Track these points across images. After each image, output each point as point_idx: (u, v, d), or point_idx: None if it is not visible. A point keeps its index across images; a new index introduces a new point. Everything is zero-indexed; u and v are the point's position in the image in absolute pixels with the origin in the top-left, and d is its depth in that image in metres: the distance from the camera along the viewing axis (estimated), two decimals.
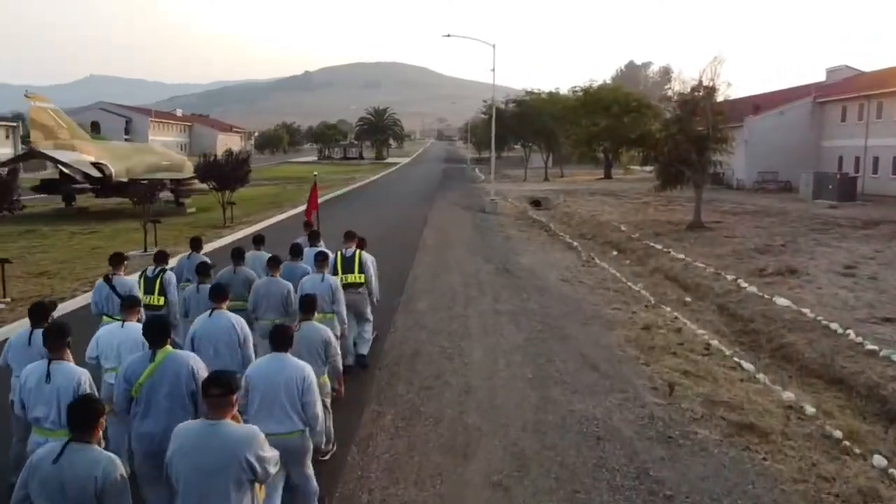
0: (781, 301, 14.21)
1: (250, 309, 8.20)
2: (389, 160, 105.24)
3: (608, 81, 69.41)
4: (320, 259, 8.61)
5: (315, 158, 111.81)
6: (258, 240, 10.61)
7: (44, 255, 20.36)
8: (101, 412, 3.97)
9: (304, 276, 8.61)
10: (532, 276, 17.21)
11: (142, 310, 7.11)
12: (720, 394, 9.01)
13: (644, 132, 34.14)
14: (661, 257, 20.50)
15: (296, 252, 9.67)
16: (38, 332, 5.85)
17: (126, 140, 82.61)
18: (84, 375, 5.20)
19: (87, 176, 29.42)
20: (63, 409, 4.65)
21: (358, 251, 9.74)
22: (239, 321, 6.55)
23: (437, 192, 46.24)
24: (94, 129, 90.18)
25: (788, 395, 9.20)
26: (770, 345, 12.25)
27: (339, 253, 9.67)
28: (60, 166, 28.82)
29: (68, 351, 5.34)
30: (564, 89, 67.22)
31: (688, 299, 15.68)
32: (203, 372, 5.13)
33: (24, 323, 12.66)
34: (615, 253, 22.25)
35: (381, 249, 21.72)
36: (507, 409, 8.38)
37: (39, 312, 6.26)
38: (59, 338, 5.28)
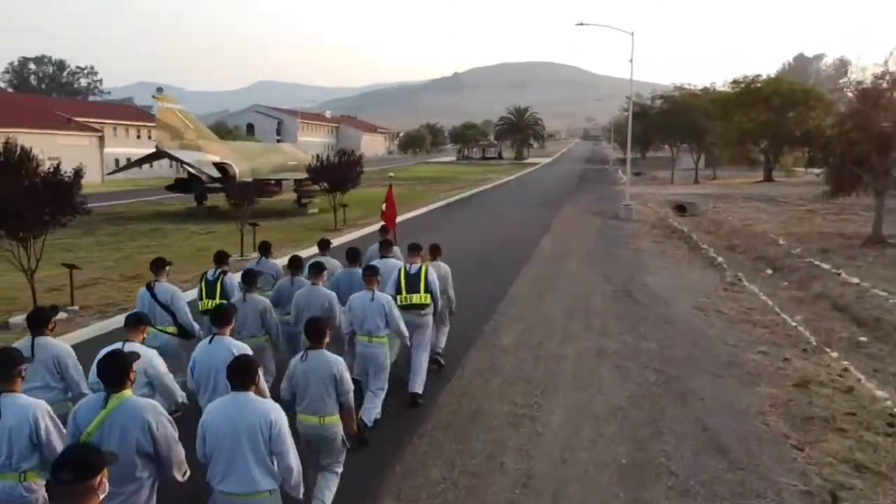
0: None
1: (293, 322, 7.68)
2: (529, 160, 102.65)
3: (772, 76, 62.14)
4: (368, 275, 7.67)
5: (454, 159, 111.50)
6: (324, 244, 10.10)
7: (151, 255, 20.02)
8: (103, 464, 3.11)
9: (355, 294, 7.75)
10: (658, 301, 14.20)
11: (149, 330, 6.42)
12: None
13: (811, 129, 29.15)
14: (829, 280, 16.54)
15: (353, 257, 8.87)
16: (42, 340, 5.69)
17: (278, 140, 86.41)
18: (39, 409, 4.49)
19: (212, 175, 29.69)
20: (15, 449, 4.37)
21: (424, 267, 8.62)
22: (240, 349, 5.64)
23: (569, 194, 43.20)
24: (249, 130, 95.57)
25: None
26: None
27: (402, 269, 8.57)
28: (186, 166, 29.22)
29: (20, 381, 4.64)
30: (720, 84, 60.83)
31: (863, 339, 12.03)
32: (163, 428, 4.29)
33: (84, 333, 12.10)
34: (769, 272, 18.42)
35: (486, 260, 19.52)
36: None
37: (39, 320, 5.86)
38: (8, 367, 4.58)
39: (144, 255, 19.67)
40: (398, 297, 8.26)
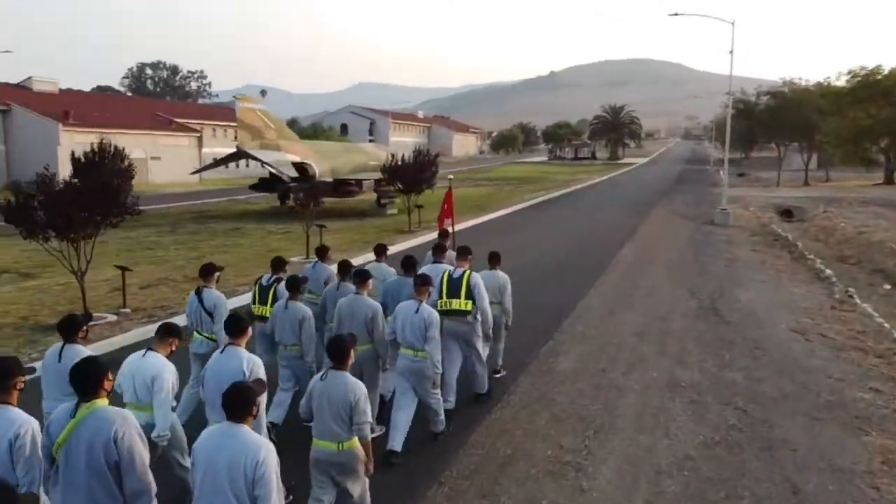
0: None
1: (334, 332, 7.11)
2: (624, 161, 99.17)
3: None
4: (418, 283, 7.25)
5: (545, 158, 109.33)
6: (380, 250, 9.57)
7: (223, 255, 20.02)
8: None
9: (403, 302, 7.33)
10: (749, 321, 12.47)
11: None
12: None
13: None
14: None
15: (408, 266, 8.25)
16: (71, 348, 5.57)
17: (370, 140, 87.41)
18: (25, 426, 4.14)
19: (290, 175, 29.72)
20: None
21: (467, 272, 8.10)
22: (251, 363, 5.45)
23: (662, 197, 40.74)
24: (343, 130, 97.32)
25: None
26: None
27: (446, 273, 8.14)
28: (266, 166, 29.36)
29: (16, 393, 4.32)
30: (835, 79, 55.89)
31: None
32: (129, 439, 3.99)
33: (126, 338, 11.80)
34: (887, 287, 16.11)
35: (559, 267, 18.16)
36: None
37: (69, 327, 5.73)
38: (2, 378, 4.26)
39: (216, 254, 19.61)
40: (439, 302, 7.88)
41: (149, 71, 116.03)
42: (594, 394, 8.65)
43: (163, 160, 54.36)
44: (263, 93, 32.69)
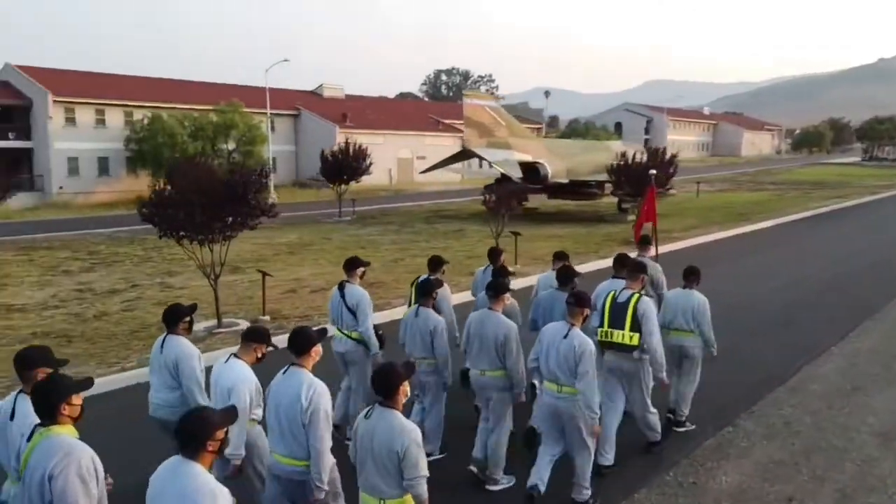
0: None
1: (462, 350, 6.65)
2: None
3: None
4: (571, 303, 5.85)
5: (858, 159, 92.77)
6: (494, 253, 8.66)
7: (413, 259, 18.97)
8: None
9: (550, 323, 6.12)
10: None
11: (263, 348, 5.23)
12: None
13: None
14: None
15: (564, 278, 7.00)
16: (171, 339, 5.59)
17: (645, 140, 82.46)
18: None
19: (525, 176, 27.90)
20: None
21: (636, 296, 6.48)
22: (312, 391, 4.53)
23: None
24: (617, 129, 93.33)
25: None
26: None
27: (610, 294, 6.63)
28: (494, 166, 27.89)
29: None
30: None
31: None
32: (64, 482, 3.41)
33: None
34: None
35: (805, 304, 13.22)
36: None
37: (170, 316, 5.68)
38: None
39: (420, 258, 18.49)
40: (599, 331, 6.50)
41: (444, 77, 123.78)
42: None
43: (427, 159, 56.50)
44: (547, 94, 31.37)
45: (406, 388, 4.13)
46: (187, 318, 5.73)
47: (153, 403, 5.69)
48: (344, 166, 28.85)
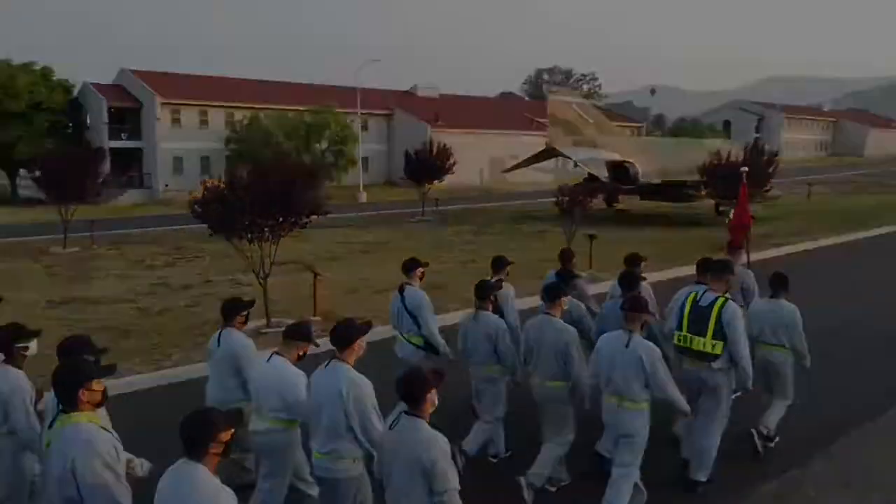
0: None
1: (522, 360, 6.32)
2: None
3: None
4: (626, 308, 5.42)
5: None
6: (633, 259, 7.48)
7: (486, 262, 18.28)
8: None
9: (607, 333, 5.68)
10: None
11: (306, 347, 5.16)
12: None
13: None
14: None
15: (626, 282, 6.59)
16: (228, 332, 5.68)
17: (756, 138, 77.97)
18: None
19: (614, 176, 26.70)
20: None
21: (721, 299, 5.89)
22: (352, 386, 4.41)
23: None
24: (725, 127, 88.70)
25: None
26: None
27: (691, 295, 6.12)
28: (581, 164, 26.82)
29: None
30: None
31: None
32: (92, 475, 3.41)
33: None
34: None
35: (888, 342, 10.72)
36: None
37: (227, 310, 5.78)
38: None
39: (486, 260, 17.90)
40: (676, 335, 6.06)
41: (545, 76, 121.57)
42: None
43: (519, 158, 55.72)
44: (653, 91, 30.24)
45: (434, 396, 3.88)
46: (245, 313, 5.82)
47: (208, 395, 5.79)
48: (428, 165, 28.64)
